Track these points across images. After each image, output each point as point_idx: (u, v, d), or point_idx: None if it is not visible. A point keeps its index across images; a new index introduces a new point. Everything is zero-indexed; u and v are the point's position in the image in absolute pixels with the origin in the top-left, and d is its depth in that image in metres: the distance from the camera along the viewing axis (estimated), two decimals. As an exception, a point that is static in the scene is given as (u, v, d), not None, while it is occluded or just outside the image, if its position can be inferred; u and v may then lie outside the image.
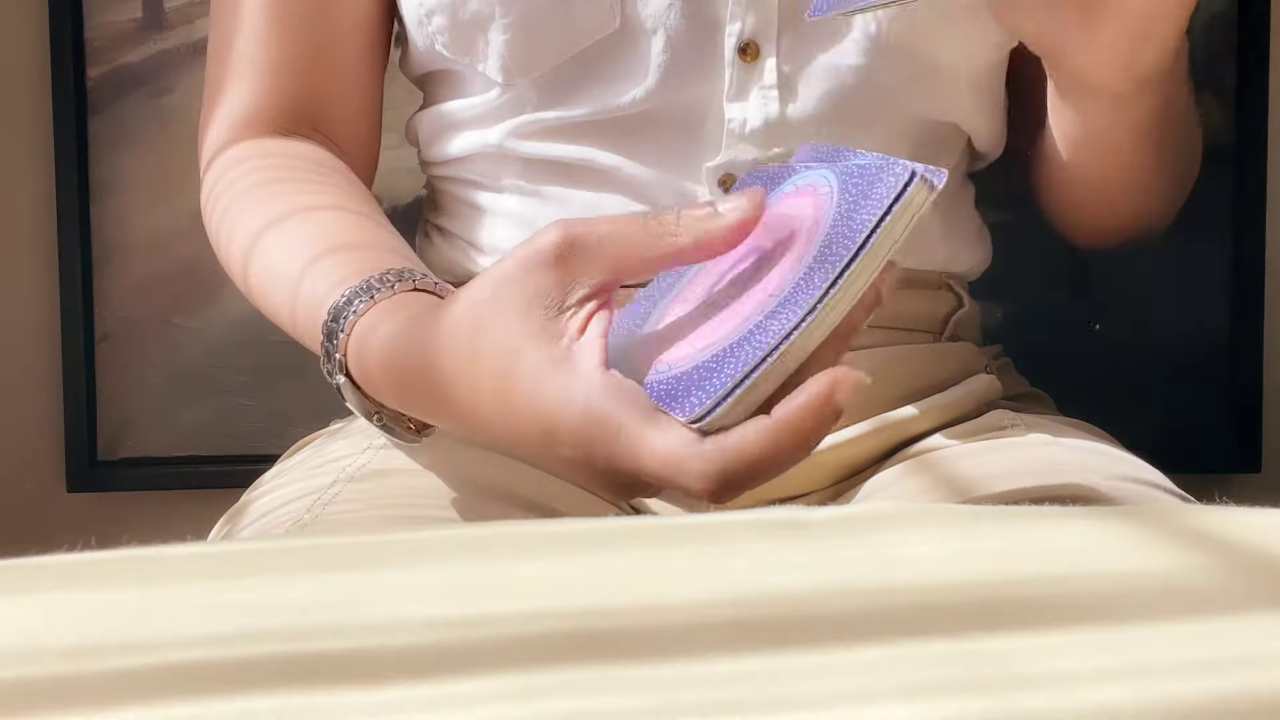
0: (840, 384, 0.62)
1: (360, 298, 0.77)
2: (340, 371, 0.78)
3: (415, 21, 0.90)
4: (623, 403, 0.65)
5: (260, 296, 0.88)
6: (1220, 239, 1.25)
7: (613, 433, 0.64)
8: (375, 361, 0.76)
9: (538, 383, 0.66)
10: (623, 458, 0.65)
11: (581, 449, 0.66)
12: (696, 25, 0.86)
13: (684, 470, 0.63)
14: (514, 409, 0.67)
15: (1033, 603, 0.48)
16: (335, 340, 0.78)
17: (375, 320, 0.77)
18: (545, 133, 0.89)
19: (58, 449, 1.26)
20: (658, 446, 0.64)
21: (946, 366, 0.93)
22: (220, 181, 0.92)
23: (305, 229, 0.86)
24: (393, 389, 0.76)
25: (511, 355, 0.67)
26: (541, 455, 0.68)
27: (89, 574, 0.53)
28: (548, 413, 0.66)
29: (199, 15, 1.22)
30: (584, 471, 0.67)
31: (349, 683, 0.42)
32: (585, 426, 0.65)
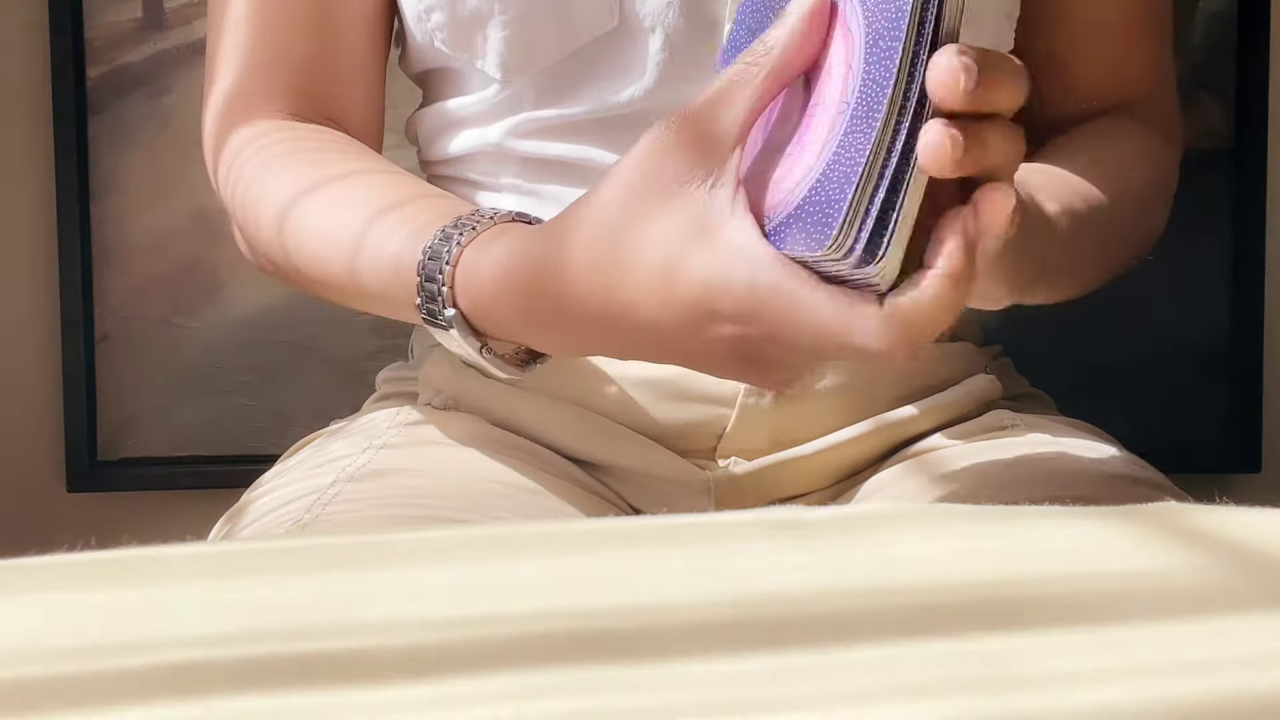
0: (983, 206, 0.62)
1: (460, 231, 0.76)
2: (447, 305, 0.77)
3: (414, 17, 0.90)
4: (794, 273, 0.64)
5: (305, 257, 0.86)
6: (1220, 239, 1.25)
7: (784, 300, 0.64)
8: (488, 285, 0.75)
9: (696, 257, 0.66)
10: (799, 323, 0.64)
11: (744, 321, 0.65)
12: (695, 23, 0.86)
13: (869, 330, 0.63)
14: (672, 290, 0.67)
15: (1033, 603, 0.48)
16: (438, 277, 0.76)
17: (483, 246, 0.76)
18: (544, 131, 0.89)
19: (58, 449, 1.26)
20: (837, 311, 0.63)
21: (946, 366, 0.93)
22: (242, 154, 0.90)
23: (359, 188, 0.85)
24: (514, 308, 0.75)
25: (665, 236, 0.67)
26: (689, 339, 0.68)
27: (89, 574, 0.53)
28: (708, 286, 0.66)
29: (199, 15, 1.22)
30: (741, 349, 0.67)
31: (349, 683, 0.42)
32: (752, 297, 0.65)
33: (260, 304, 1.26)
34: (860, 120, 0.63)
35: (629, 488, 0.89)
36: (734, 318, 0.66)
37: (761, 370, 0.68)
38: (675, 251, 0.67)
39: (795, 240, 0.64)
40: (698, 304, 0.66)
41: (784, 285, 0.64)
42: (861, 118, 0.63)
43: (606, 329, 0.71)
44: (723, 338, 0.67)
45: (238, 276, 1.24)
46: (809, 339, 0.64)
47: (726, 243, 0.66)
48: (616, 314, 0.69)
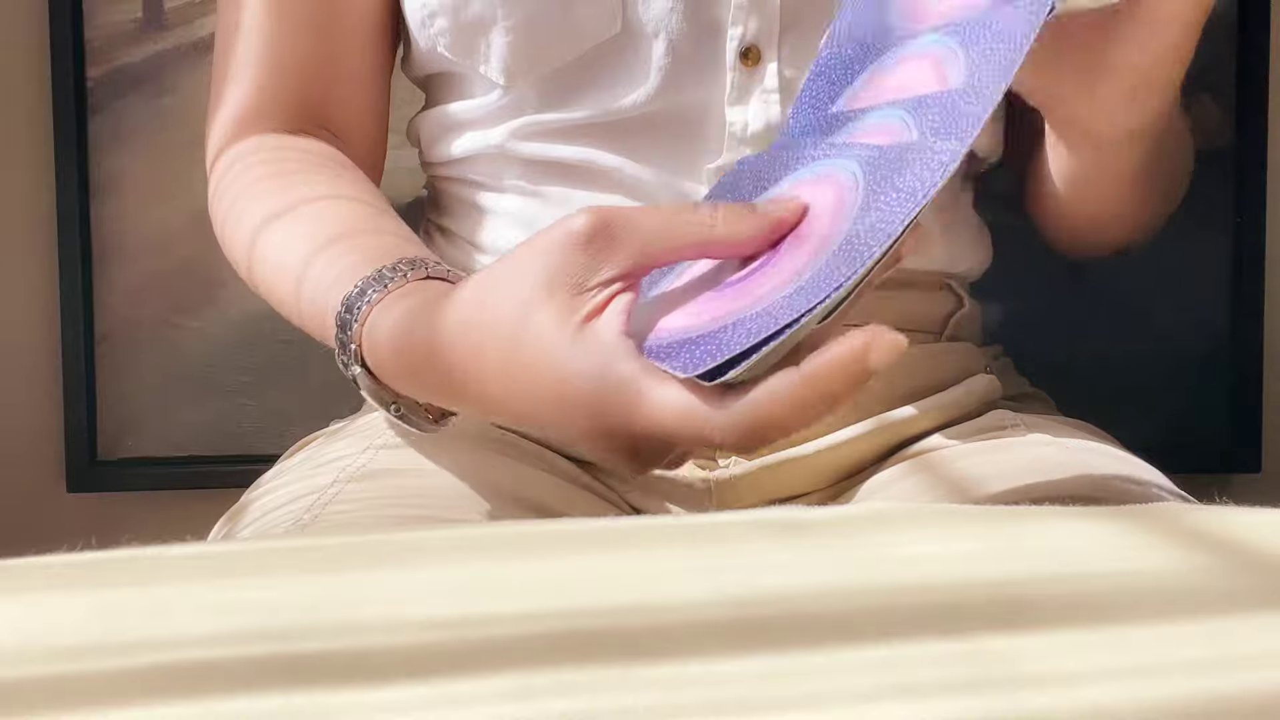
0: (875, 344, 0.61)
1: (374, 287, 0.77)
2: (356, 362, 0.77)
3: (417, 23, 0.90)
4: (641, 365, 0.64)
5: (265, 288, 0.88)
6: (1220, 239, 1.25)
7: (631, 395, 0.64)
8: (386, 349, 0.75)
9: (552, 351, 0.66)
10: (644, 419, 0.64)
11: (600, 416, 0.65)
12: (698, 29, 0.86)
13: (711, 425, 0.62)
14: (527, 379, 0.67)
15: (1033, 603, 0.48)
16: (350, 330, 0.77)
17: (387, 307, 0.76)
18: (546, 134, 0.89)
19: (58, 449, 1.26)
20: (681, 403, 0.63)
21: (947, 366, 0.93)
22: (227, 175, 0.91)
23: (309, 219, 0.85)
24: (405, 375, 0.76)
25: (525, 325, 0.67)
26: (558, 427, 0.68)
27: (89, 574, 0.53)
28: (564, 382, 0.66)
29: (199, 15, 1.22)
30: (601, 440, 0.67)
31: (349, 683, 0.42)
32: (602, 392, 0.65)
33: (260, 304, 1.24)
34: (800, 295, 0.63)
35: (629, 488, 0.89)
36: (589, 412, 0.65)
37: (631, 459, 0.67)
38: (529, 338, 0.67)
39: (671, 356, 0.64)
40: (552, 393, 0.66)
41: (634, 380, 0.64)
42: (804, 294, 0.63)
43: (492, 410, 0.71)
44: (581, 428, 0.67)
45: (238, 276, 1.24)
46: (657, 433, 0.64)
47: (589, 336, 0.65)
48: (494, 398, 0.70)
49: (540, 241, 0.67)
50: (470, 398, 0.71)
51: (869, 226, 0.64)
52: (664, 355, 0.64)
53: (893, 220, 0.63)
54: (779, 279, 0.65)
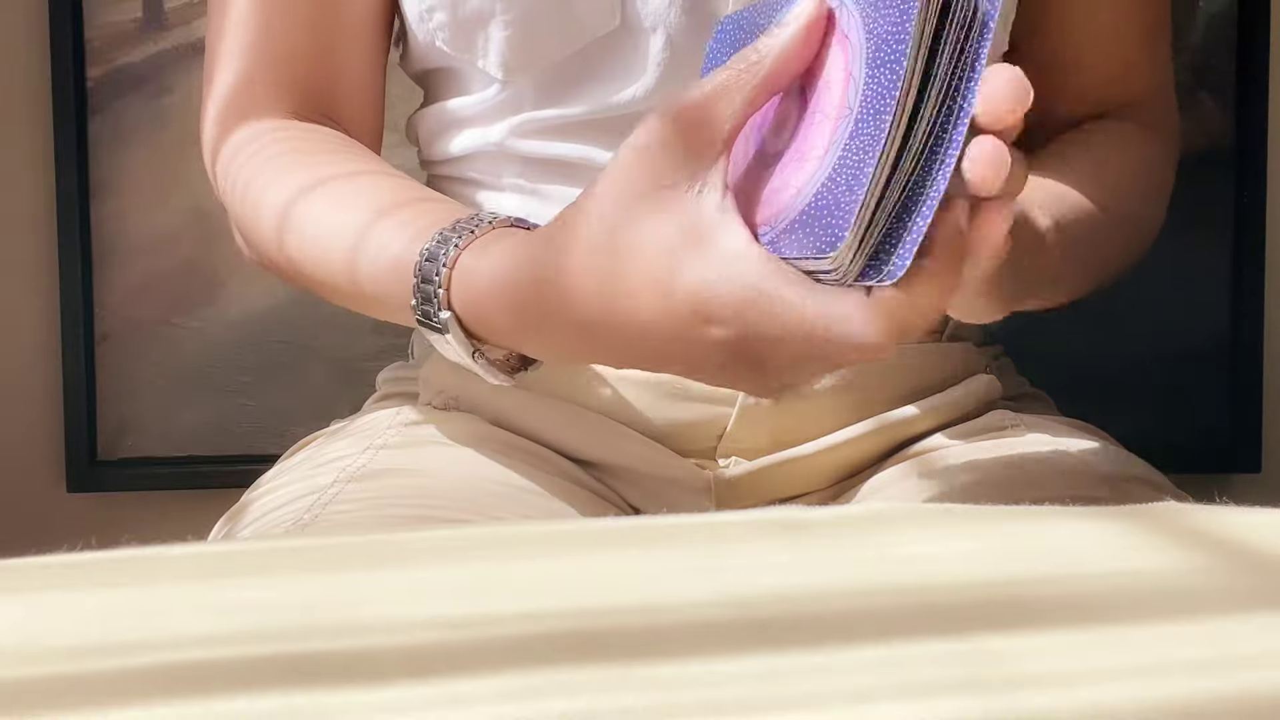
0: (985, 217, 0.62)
1: (458, 234, 0.76)
2: (443, 307, 0.76)
3: (416, 17, 0.90)
4: (780, 273, 0.64)
5: (304, 259, 0.86)
6: (1220, 239, 1.25)
7: (775, 302, 0.64)
8: (486, 289, 0.74)
9: (688, 262, 0.66)
10: (788, 321, 0.64)
11: (736, 325, 0.65)
12: (697, 23, 0.86)
13: (855, 321, 0.63)
14: (664, 295, 0.67)
15: (1033, 603, 0.48)
16: (434, 280, 0.76)
17: (480, 251, 0.75)
18: (545, 131, 0.89)
19: (58, 449, 1.26)
20: (824, 304, 0.63)
21: (947, 366, 0.93)
22: (240, 154, 0.90)
23: (359, 189, 0.85)
24: (509, 313, 0.74)
25: (655, 240, 0.66)
26: (683, 346, 0.67)
27: (89, 574, 0.53)
28: (700, 291, 0.65)
29: (199, 15, 1.22)
30: (735, 352, 0.67)
31: (349, 683, 0.42)
32: (743, 300, 0.64)
33: (260, 304, 1.26)
34: (865, 127, 0.63)
35: (629, 488, 0.89)
36: (725, 321, 0.65)
37: (758, 375, 0.67)
38: (665, 257, 0.66)
39: (797, 247, 0.64)
40: (689, 309, 0.66)
41: (772, 286, 0.64)
42: (866, 125, 0.63)
43: (602, 337, 0.70)
44: (715, 341, 0.66)
45: (238, 276, 1.24)
46: (800, 337, 0.64)
47: (714, 247, 0.65)
48: (611, 321, 0.69)
49: (627, 156, 0.67)
50: (591, 321, 0.70)
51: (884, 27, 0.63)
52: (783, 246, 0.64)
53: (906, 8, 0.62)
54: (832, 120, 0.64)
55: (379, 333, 1.23)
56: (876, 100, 0.63)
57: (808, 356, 0.66)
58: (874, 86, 0.63)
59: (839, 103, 0.65)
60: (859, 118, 0.63)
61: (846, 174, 0.63)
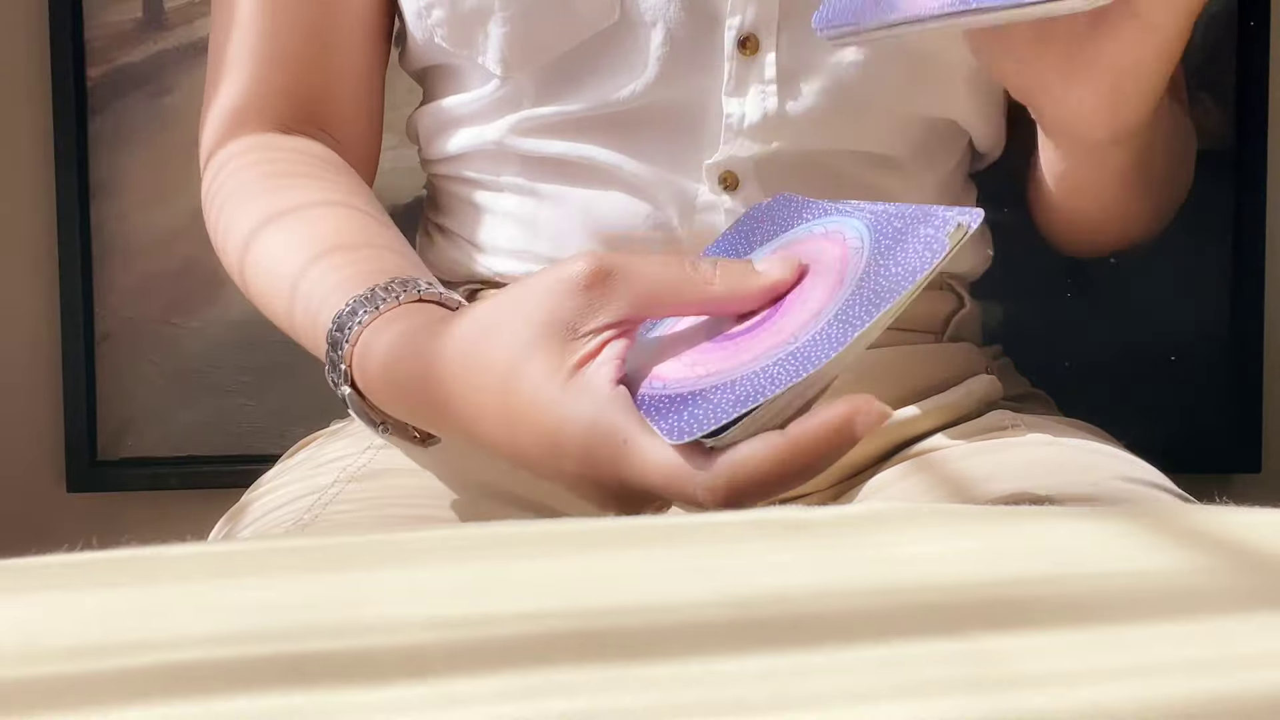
0: (861, 414, 0.62)
1: (364, 308, 0.77)
2: (345, 382, 0.77)
3: (415, 14, 0.90)
4: (631, 415, 0.64)
5: (257, 294, 0.87)
6: (1220, 239, 1.25)
7: (618, 445, 0.64)
8: (377, 372, 0.76)
9: (544, 395, 0.66)
10: (629, 471, 0.64)
11: (586, 463, 0.65)
12: (696, 18, 0.86)
13: (692, 482, 0.63)
14: (517, 421, 0.67)
15: (1033, 603, 0.48)
16: (340, 350, 0.77)
17: (378, 330, 0.76)
18: (544, 129, 0.89)
19: (58, 449, 1.26)
20: (665, 459, 0.63)
21: (947, 367, 0.93)
22: (220, 174, 0.91)
23: (304, 226, 0.85)
24: (394, 400, 0.76)
25: (519, 366, 0.67)
26: (545, 469, 0.68)
27: (89, 574, 0.53)
28: (552, 425, 0.66)
29: (199, 15, 1.22)
30: (588, 486, 0.67)
31: (349, 683, 0.42)
32: (590, 439, 0.65)
33: (260, 304, 1.26)
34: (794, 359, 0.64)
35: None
36: (575, 457, 0.66)
37: (615, 504, 0.68)
38: (521, 379, 0.67)
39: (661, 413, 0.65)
40: (540, 435, 0.67)
41: (619, 430, 0.64)
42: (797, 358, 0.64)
43: (478, 443, 0.71)
44: (567, 472, 0.67)
45: (238, 276, 1.24)
46: (643, 486, 0.65)
47: (581, 382, 0.66)
48: (482, 434, 0.70)
49: (537, 283, 0.68)
50: (462, 432, 0.71)
51: (865, 297, 0.64)
52: (655, 412, 0.65)
53: (890, 291, 0.64)
54: (774, 339, 0.66)
55: (379, 333, 1.23)
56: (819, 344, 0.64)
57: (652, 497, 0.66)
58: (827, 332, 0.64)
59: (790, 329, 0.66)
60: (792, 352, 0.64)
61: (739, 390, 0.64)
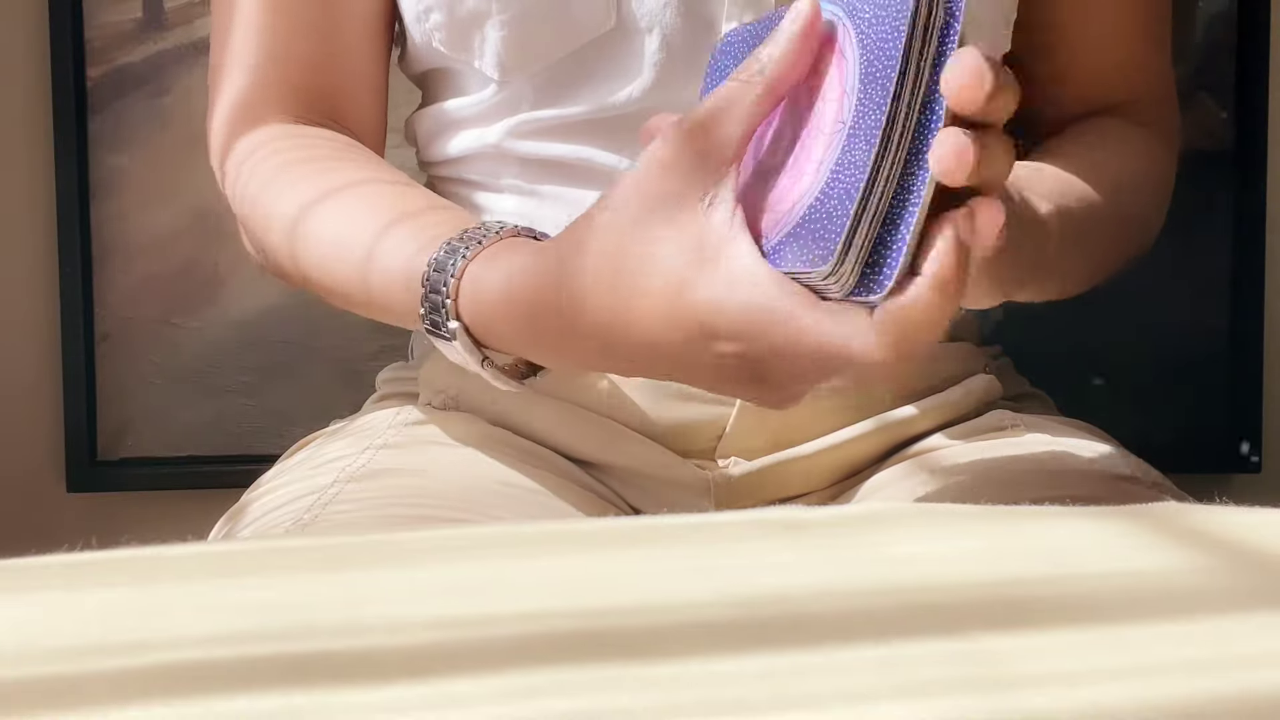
0: (978, 216, 0.62)
1: (466, 245, 0.77)
2: (451, 317, 0.77)
3: (413, 18, 0.90)
4: (788, 290, 0.64)
5: (317, 269, 0.86)
6: (1220, 239, 1.25)
7: (783, 319, 0.64)
8: (493, 300, 0.75)
9: (697, 278, 0.66)
10: (796, 340, 0.64)
11: (746, 340, 0.66)
12: (693, 23, 0.86)
13: (862, 341, 0.63)
14: (673, 309, 0.67)
15: (1032, 603, 0.48)
16: (442, 290, 0.77)
17: (487, 262, 0.76)
18: (542, 132, 0.89)
19: (58, 449, 1.26)
20: (832, 323, 0.64)
21: (946, 366, 0.93)
22: (249, 162, 0.91)
23: (367, 199, 0.85)
24: (516, 324, 0.75)
25: (665, 254, 0.67)
26: (691, 359, 0.68)
27: (89, 574, 0.53)
28: (709, 307, 0.66)
29: (199, 15, 1.22)
30: (742, 367, 0.67)
31: (349, 683, 0.42)
32: (751, 316, 0.65)
33: (260, 304, 1.25)
34: (857, 140, 0.64)
35: (629, 488, 0.89)
36: (733, 336, 0.66)
37: (764, 388, 0.68)
38: (675, 271, 0.67)
39: (794, 259, 0.65)
40: (698, 324, 0.67)
41: (780, 304, 0.64)
42: (859, 138, 0.63)
43: (611, 347, 0.71)
44: (724, 356, 0.67)
45: (238, 276, 1.24)
46: (807, 355, 0.65)
47: (724, 263, 0.66)
48: (621, 332, 0.70)
49: (640, 173, 0.68)
50: (598, 333, 0.71)
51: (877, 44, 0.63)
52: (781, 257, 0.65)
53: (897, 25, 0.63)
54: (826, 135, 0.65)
55: (379, 333, 1.23)
56: (868, 115, 0.63)
57: (813, 371, 0.66)
58: (866, 102, 0.64)
59: (834, 118, 0.65)
60: (851, 132, 0.64)
61: (839, 188, 0.63)
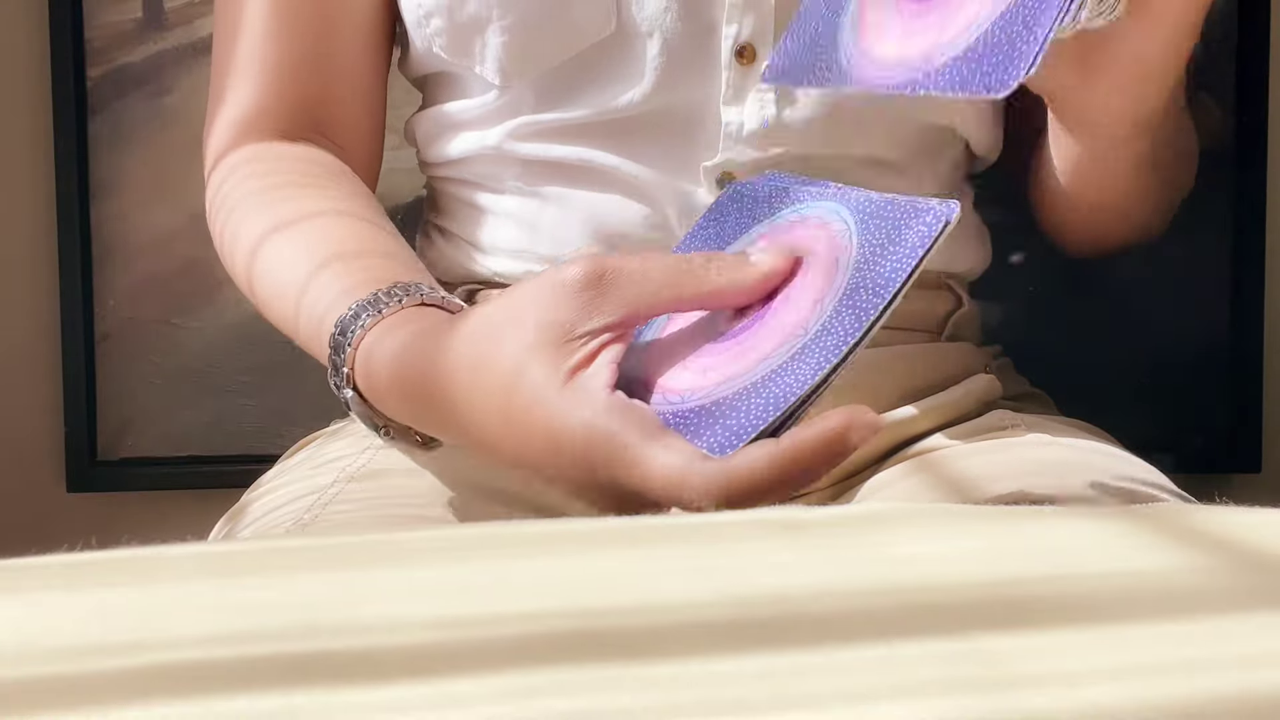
0: (855, 426, 0.62)
1: (367, 312, 0.77)
2: (347, 385, 0.78)
3: (414, 23, 0.90)
4: (628, 421, 0.65)
5: (264, 303, 0.88)
6: (1220, 239, 1.25)
7: (618, 450, 0.64)
8: (381, 376, 0.76)
9: (542, 400, 0.66)
10: (627, 475, 0.65)
11: (585, 467, 0.66)
12: (693, 28, 0.86)
13: (688, 488, 0.63)
14: (518, 426, 0.67)
15: (1033, 603, 0.48)
16: (342, 354, 0.77)
17: (381, 334, 0.76)
18: (543, 134, 0.89)
19: (58, 449, 1.26)
20: (663, 464, 0.64)
21: (946, 366, 0.93)
22: (225, 185, 0.91)
23: (309, 235, 0.86)
24: (398, 403, 0.76)
25: (518, 371, 0.67)
26: (545, 472, 0.68)
27: (89, 574, 0.53)
28: (551, 430, 0.66)
29: (199, 15, 1.22)
30: (587, 490, 0.67)
31: (349, 683, 0.42)
32: (589, 444, 0.65)
33: (260, 304, 1.26)
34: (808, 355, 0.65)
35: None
36: (574, 462, 0.66)
37: (611, 507, 0.68)
38: (520, 385, 0.67)
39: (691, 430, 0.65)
40: (540, 440, 0.67)
41: (618, 435, 0.65)
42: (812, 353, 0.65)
43: (482, 445, 0.71)
44: (566, 476, 0.67)
45: (238, 276, 1.24)
46: (638, 490, 0.65)
47: (576, 385, 0.66)
48: (482, 437, 0.70)
49: (535, 286, 0.68)
50: (464, 435, 0.72)
51: (870, 282, 0.65)
52: (687, 428, 0.65)
53: (895, 276, 0.64)
54: (782, 334, 0.66)
55: (379, 333, 1.23)
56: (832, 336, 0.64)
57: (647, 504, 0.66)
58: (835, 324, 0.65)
59: (795, 322, 0.66)
60: (806, 346, 0.65)
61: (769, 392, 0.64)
